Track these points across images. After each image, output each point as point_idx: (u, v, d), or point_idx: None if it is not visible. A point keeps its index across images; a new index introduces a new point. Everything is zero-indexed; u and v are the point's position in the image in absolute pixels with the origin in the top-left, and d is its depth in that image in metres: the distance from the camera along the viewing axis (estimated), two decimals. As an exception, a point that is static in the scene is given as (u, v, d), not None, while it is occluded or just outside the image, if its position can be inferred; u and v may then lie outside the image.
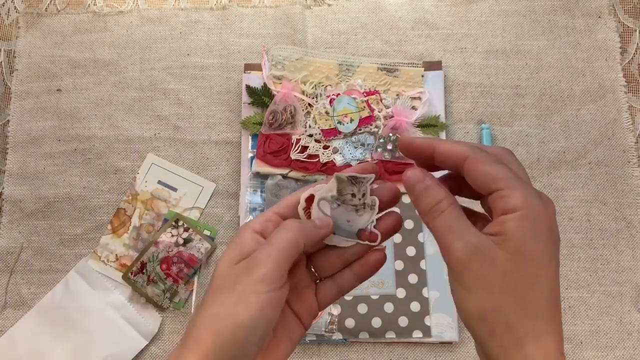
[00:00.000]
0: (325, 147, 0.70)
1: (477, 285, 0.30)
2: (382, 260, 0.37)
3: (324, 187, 0.36)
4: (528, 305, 0.29)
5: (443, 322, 0.66)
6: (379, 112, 0.70)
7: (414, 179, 0.33)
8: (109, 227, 0.70)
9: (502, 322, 0.29)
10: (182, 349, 0.32)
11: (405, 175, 0.34)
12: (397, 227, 0.37)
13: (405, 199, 0.66)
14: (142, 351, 0.66)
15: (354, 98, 0.70)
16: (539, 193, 0.31)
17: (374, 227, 0.36)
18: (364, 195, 0.36)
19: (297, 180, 0.70)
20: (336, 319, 0.66)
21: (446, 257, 0.31)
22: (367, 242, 0.36)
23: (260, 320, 0.32)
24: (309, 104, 0.71)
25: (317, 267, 0.37)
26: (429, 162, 0.34)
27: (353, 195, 0.36)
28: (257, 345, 0.33)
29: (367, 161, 0.37)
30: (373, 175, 0.35)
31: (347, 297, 0.67)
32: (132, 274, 0.68)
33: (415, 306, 0.66)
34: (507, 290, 0.29)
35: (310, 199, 0.36)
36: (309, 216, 0.36)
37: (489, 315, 0.30)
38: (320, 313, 0.38)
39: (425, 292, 0.67)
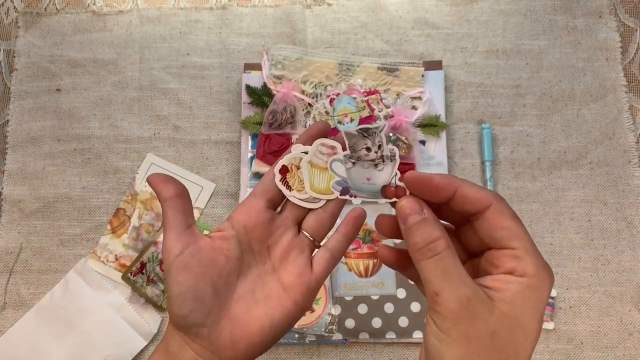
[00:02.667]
0: (325, 147, 0.70)
1: (462, 339, 0.29)
2: (363, 214, 0.38)
3: (288, 155, 0.37)
4: None
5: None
6: (379, 111, 0.70)
7: (409, 209, 0.31)
8: (109, 227, 0.70)
9: None
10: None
11: (400, 204, 0.32)
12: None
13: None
14: (141, 351, 0.66)
15: (354, 98, 0.70)
16: (545, 262, 0.30)
17: (398, 179, 0.33)
18: (380, 147, 0.33)
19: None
20: (336, 319, 0.66)
21: (434, 302, 0.30)
22: (394, 200, 0.33)
23: (175, 288, 0.34)
24: (309, 104, 0.71)
25: (308, 229, 0.38)
26: (432, 199, 0.32)
27: (368, 149, 0.33)
28: (199, 311, 0.34)
29: (317, 122, 0.38)
30: (385, 123, 0.32)
31: (347, 298, 0.67)
32: (131, 274, 0.68)
33: (415, 306, 0.66)
34: (492, 350, 0.29)
35: (283, 169, 0.37)
36: (287, 185, 0.37)
37: None
38: (314, 288, 0.38)
39: (425, 292, 0.66)
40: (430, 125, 0.71)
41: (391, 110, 0.70)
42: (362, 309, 0.66)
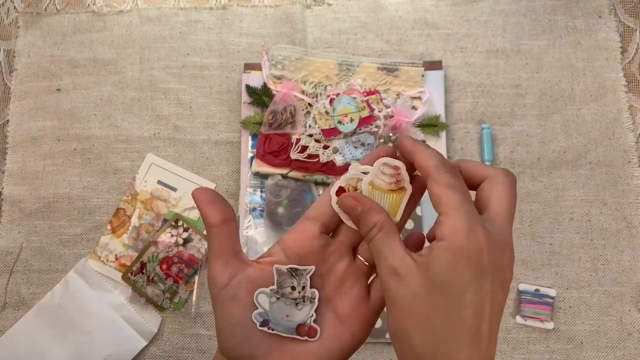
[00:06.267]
0: (325, 147, 0.70)
1: (391, 305, 0.31)
2: (422, 238, 0.37)
3: (346, 175, 0.35)
4: (439, 332, 0.29)
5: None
6: (379, 111, 0.70)
7: (348, 205, 0.34)
8: (109, 227, 0.70)
9: (407, 342, 0.30)
10: None
11: (340, 200, 0.34)
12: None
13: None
14: (141, 351, 0.66)
15: (354, 98, 0.70)
16: (475, 224, 0.30)
17: (314, 321, 0.34)
18: (303, 287, 0.34)
19: (297, 180, 0.70)
20: (336, 319, 0.66)
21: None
22: (305, 338, 0.34)
23: (222, 320, 0.33)
24: (309, 104, 0.71)
25: (364, 254, 0.37)
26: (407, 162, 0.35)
27: (293, 288, 0.34)
28: (249, 343, 0.33)
29: (383, 146, 0.37)
30: (313, 267, 0.34)
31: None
32: (131, 274, 0.68)
33: (415, 306, 0.66)
34: (414, 313, 0.30)
35: (340, 190, 0.35)
36: None
37: (399, 334, 0.31)
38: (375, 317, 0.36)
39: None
40: (430, 125, 0.71)
41: (391, 110, 0.70)
42: (362, 308, 0.66)
